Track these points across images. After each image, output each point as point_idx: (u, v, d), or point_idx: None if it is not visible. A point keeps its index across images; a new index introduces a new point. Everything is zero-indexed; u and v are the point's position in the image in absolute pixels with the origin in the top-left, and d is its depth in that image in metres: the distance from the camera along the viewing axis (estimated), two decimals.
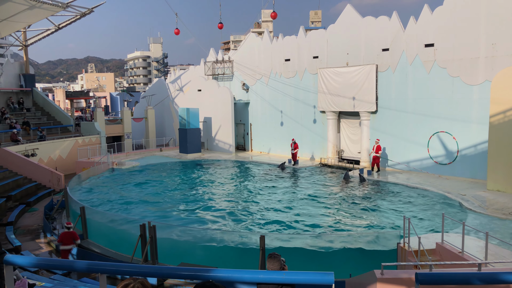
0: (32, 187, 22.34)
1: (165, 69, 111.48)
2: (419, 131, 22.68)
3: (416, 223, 14.21)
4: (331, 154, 27.04)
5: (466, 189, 18.57)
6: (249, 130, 33.30)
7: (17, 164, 23.33)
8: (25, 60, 34.23)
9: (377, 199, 18.35)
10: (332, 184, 21.78)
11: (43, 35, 33.25)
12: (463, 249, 9.38)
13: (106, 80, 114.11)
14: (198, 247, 12.58)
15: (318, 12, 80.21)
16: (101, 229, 14.92)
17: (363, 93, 24.70)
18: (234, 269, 3.90)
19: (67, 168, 27.10)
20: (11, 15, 24.63)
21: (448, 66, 21.20)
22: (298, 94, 29.05)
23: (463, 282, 3.86)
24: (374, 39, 24.18)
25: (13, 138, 26.31)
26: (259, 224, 15.43)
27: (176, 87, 38.57)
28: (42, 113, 33.28)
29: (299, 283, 3.72)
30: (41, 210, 18.52)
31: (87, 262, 4.34)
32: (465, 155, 21.00)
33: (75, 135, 30.94)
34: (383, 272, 6.85)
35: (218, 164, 28.68)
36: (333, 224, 15.25)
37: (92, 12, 29.56)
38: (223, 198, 19.69)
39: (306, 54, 28.15)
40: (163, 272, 4.83)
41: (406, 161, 23.32)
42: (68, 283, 9.59)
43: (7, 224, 16.25)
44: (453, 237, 10.76)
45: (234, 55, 33.89)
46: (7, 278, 4.53)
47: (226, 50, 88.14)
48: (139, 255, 11.76)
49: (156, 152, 32.95)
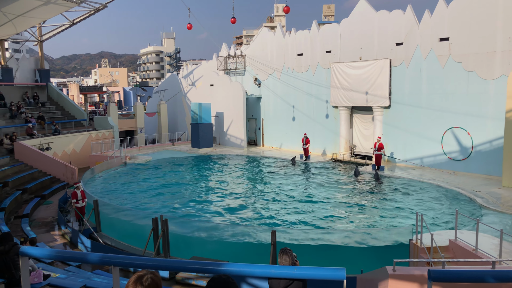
0: (47, 180, 22.67)
1: (178, 64, 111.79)
2: (433, 126, 22.41)
3: (429, 219, 14.08)
4: (343, 150, 26.90)
5: (481, 185, 18.31)
6: (261, 125, 33.27)
7: (32, 157, 23.68)
8: (40, 55, 34.64)
9: (389, 195, 18.20)
10: (344, 180, 21.68)
11: (58, 30, 33.57)
12: (477, 247, 9.27)
13: (119, 75, 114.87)
14: (209, 241, 12.64)
15: (331, 6, 79.58)
16: (114, 222, 15.09)
17: (376, 88, 24.47)
18: (245, 264, 3.91)
19: (81, 162, 27.43)
20: (27, 10, 24.91)
21: (464, 60, 20.86)
22: (311, 88, 28.90)
23: (477, 280, 3.81)
24: (388, 33, 23.90)
25: (28, 132, 26.70)
26: (270, 219, 15.44)
27: (189, 82, 38.68)
28: (56, 108, 33.69)
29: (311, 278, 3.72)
30: (55, 203, 18.79)
31: (100, 255, 4.39)
32: (480, 151, 20.69)
33: (89, 129, 31.27)
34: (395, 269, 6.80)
35: (229, 158, 28.75)
36: (344, 220, 15.18)
37: (106, 8, 29.73)
38: (234, 193, 19.73)
39: (319, 49, 27.95)
40: (175, 266, 4.87)
41: (420, 157, 23.08)
42: (82, 275, 9.72)
43: (23, 216, 16.54)
44: (467, 234, 10.63)
45: (247, 49, 33.82)
46: (23, 269, 4.61)
47: (239, 44, 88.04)
48: (151, 248, 11.87)
49: (169, 147, 33.14)
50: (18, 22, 26.68)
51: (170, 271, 9.79)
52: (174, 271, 9.86)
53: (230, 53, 34.78)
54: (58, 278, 8.66)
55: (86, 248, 13.10)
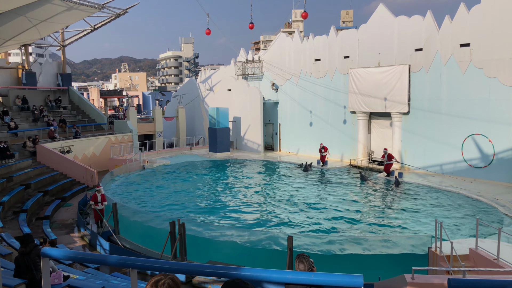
0: (67, 183, 23.09)
1: (196, 69, 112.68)
2: (453, 133, 22.05)
3: (449, 227, 13.84)
4: (361, 156, 26.66)
5: (502, 193, 17.91)
6: (278, 130, 33.26)
7: (53, 160, 24.18)
8: (62, 60, 35.42)
9: (408, 201, 17.96)
10: (361, 186, 21.48)
11: (80, 35, 34.28)
12: (498, 256, 9.05)
13: (139, 79, 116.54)
14: (226, 245, 12.68)
15: (350, 12, 79.25)
16: (132, 225, 15.27)
17: (395, 93, 24.22)
18: (262, 269, 3.91)
19: (100, 165, 27.86)
20: (50, 16, 25.52)
21: (485, 66, 20.51)
22: (328, 94, 28.78)
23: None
24: (407, 38, 23.67)
25: (50, 135, 27.29)
26: (287, 225, 15.39)
27: (207, 86, 38.97)
28: (77, 111, 34.34)
29: (328, 284, 3.70)
30: (75, 205, 19.12)
31: (119, 257, 4.46)
32: (502, 159, 20.26)
33: (108, 133, 31.77)
34: (414, 277, 6.71)
35: (246, 163, 28.80)
36: (362, 227, 15.03)
37: (126, 13, 30.25)
38: (251, 197, 19.75)
39: (337, 54, 27.86)
40: (192, 269, 4.90)
41: (439, 164, 22.73)
42: (100, 277, 9.86)
43: (44, 218, 16.87)
44: (488, 243, 10.39)
45: (264, 55, 33.93)
46: (43, 270, 4.71)
47: (256, 50, 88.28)
48: (168, 251, 11.96)
49: (186, 151, 33.38)
50: (42, 27, 27.33)
51: (187, 274, 9.85)
52: (191, 274, 9.91)
53: (248, 58, 34.93)
54: (77, 279, 8.81)
55: (104, 251, 13.28)
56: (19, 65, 33.07)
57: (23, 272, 7.65)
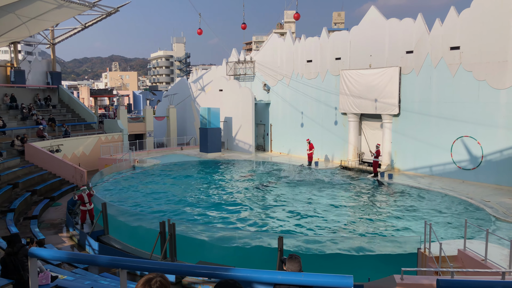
0: (56, 182, 22.85)
1: (188, 68, 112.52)
2: (443, 135, 22.26)
3: (437, 228, 13.95)
4: (351, 157, 26.80)
5: (491, 195, 18.12)
6: (269, 131, 33.29)
7: (42, 159, 23.91)
8: (52, 58, 35.09)
9: (397, 203, 18.08)
10: (351, 187, 21.58)
11: (70, 33, 34.02)
12: (486, 257, 9.16)
13: (130, 78, 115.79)
14: (216, 246, 12.65)
15: (341, 14, 79.68)
16: (121, 225, 15.16)
17: (385, 95, 24.39)
18: (252, 269, 3.91)
19: (90, 165, 27.65)
20: (40, 13, 25.27)
21: (474, 69, 20.74)
22: (320, 95, 28.89)
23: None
24: (398, 41, 23.86)
25: (39, 134, 27.00)
26: (277, 225, 15.40)
27: (198, 86, 38.87)
28: (67, 110, 34.04)
29: (318, 285, 3.71)
30: (64, 205, 18.93)
31: (109, 257, 4.42)
32: (490, 161, 20.50)
33: (98, 132, 31.53)
34: (403, 277, 6.76)
35: (237, 163, 28.77)
36: (352, 228, 15.10)
37: (118, 12, 30.08)
38: (241, 198, 19.72)
39: (329, 56, 27.97)
40: (182, 270, 4.88)
41: (429, 165, 22.94)
42: (89, 277, 9.77)
43: (32, 217, 16.66)
44: (476, 244, 10.50)
45: (256, 55, 33.95)
46: (31, 270, 4.65)
47: (248, 50, 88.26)
48: (158, 252, 11.89)
49: (177, 151, 33.25)
50: (31, 24, 27.07)
51: (177, 275, 9.81)
52: (181, 275, 9.86)
53: (240, 59, 34.93)
54: (66, 280, 8.73)
55: (93, 251, 13.17)
56: (7, 63, 32.68)
57: (10, 273, 7.55)
